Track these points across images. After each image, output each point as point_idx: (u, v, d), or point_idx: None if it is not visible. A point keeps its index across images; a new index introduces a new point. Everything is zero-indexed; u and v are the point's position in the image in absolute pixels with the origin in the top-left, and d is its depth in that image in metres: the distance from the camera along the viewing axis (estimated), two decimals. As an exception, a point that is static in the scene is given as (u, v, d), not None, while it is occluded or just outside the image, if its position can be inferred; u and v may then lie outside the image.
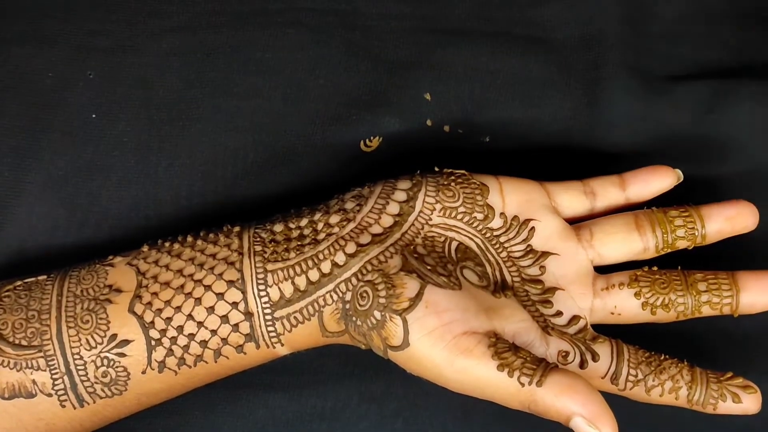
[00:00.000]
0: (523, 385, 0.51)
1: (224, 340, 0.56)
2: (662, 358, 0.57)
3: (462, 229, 0.59)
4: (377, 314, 0.54)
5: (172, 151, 0.63)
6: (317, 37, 0.64)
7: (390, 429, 0.62)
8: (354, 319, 0.55)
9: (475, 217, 0.59)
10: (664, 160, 0.62)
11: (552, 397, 0.50)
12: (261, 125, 0.63)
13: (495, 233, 0.59)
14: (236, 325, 0.56)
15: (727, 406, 0.56)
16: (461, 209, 0.59)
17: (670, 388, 0.56)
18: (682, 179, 0.62)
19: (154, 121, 0.63)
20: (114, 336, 0.55)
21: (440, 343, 0.52)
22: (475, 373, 0.52)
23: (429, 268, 0.56)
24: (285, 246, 0.57)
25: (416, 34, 0.66)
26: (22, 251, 0.62)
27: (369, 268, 0.56)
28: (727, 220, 0.60)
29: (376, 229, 0.57)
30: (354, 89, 0.64)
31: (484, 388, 0.52)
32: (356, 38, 0.65)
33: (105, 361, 0.55)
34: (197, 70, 0.63)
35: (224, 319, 0.56)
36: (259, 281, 0.56)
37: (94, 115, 0.63)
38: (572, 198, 0.61)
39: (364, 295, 0.55)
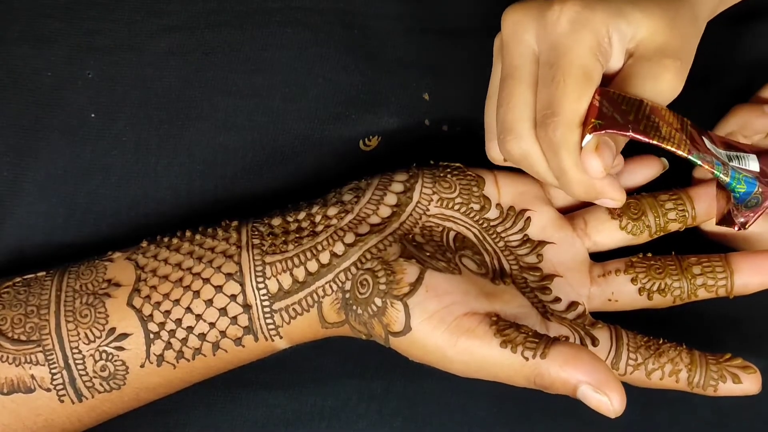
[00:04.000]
0: (527, 359, 0.51)
1: (222, 333, 0.56)
2: (660, 342, 0.57)
3: (459, 219, 0.59)
4: (378, 301, 0.54)
5: (171, 150, 0.63)
6: (316, 37, 0.64)
7: (389, 427, 0.62)
8: (354, 308, 0.55)
9: (472, 207, 0.60)
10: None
11: (557, 368, 0.50)
12: (260, 124, 0.63)
13: (492, 223, 0.60)
14: (235, 317, 0.56)
15: (728, 388, 0.56)
16: (458, 200, 0.60)
17: (670, 371, 0.56)
18: (667, 167, 0.62)
19: (153, 120, 0.63)
20: (113, 330, 0.55)
21: (442, 325, 0.53)
22: (479, 353, 0.52)
23: (428, 254, 0.56)
24: (283, 239, 0.57)
25: (414, 34, 0.66)
26: (21, 250, 0.62)
27: (368, 256, 0.56)
28: (714, 199, 0.60)
29: (375, 220, 0.58)
30: (352, 89, 0.64)
31: (489, 367, 0.52)
32: (355, 37, 0.65)
33: (104, 355, 0.55)
34: (196, 70, 0.63)
35: (222, 311, 0.56)
36: (258, 273, 0.56)
37: (93, 115, 0.63)
38: None
39: (364, 282, 0.55)
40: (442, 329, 0.53)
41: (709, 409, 0.61)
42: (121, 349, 0.55)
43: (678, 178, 0.63)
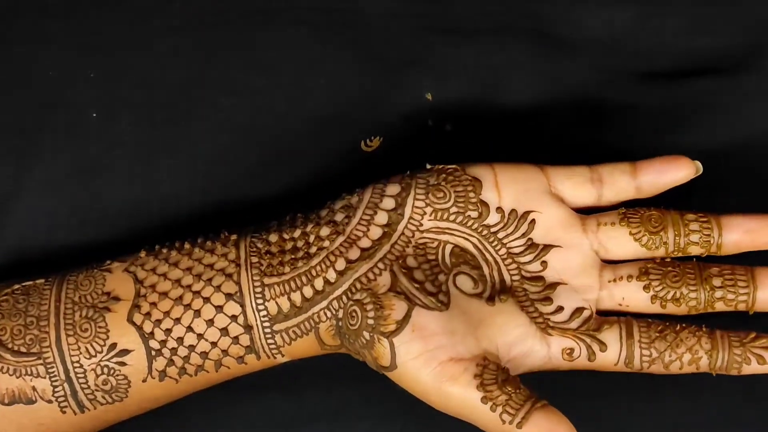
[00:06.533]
0: (504, 422, 0.51)
1: (225, 352, 0.56)
2: (678, 328, 0.56)
3: (456, 230, 0.58)
4: (366, 335, 0.54)
5: (173, 150, 0.63)
6: (318, 36, 0.64)
7: (390, 430, 0.63)
8: (347, 336, 0.55)
9: (469, 215, 0.58)
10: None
11: None
12: (262, 124, 0.63)
13: (492, 230, 0.58)
14: (236, 337, 0.56)
15: (753, 368, 0.55)
16: (453, 209, 0.57)
17: (689, 360, 0.55)
18: (701, 171, 0.58)
19: (155, 120, 0.63)
20: (114, 345, 0.55)
21: (426, 368, 0.53)
22: (460, 401, 0.52)
23: (417, 286, 0.55)
24: (279, 259, 0.56)
25: (418, 33, 0.65)
26: (23, 250, 0.62)
27: (358, 286, 0.55)
28: (746, 233, 0.57)
29: (365, 243, 0.57)
30: (355, 89, 0.64)
31: (468, 415, 0.52)
32: (358, 37, 0.64)
33: (105, 370, 0.55)
34: (198, 69, 0.63)
35: (224, 331, 0.56)
36: (257, 295, 0.56)
37: (95, 114, 0.63)
38: (576, 185, 0.59)
39: (353, 314, 0.54)
40: (426, 372, 0.53)
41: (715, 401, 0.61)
42: (122, 364, 0.55)
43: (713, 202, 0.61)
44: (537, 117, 0.66)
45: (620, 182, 0.59)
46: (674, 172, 0.58)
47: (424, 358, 0.53)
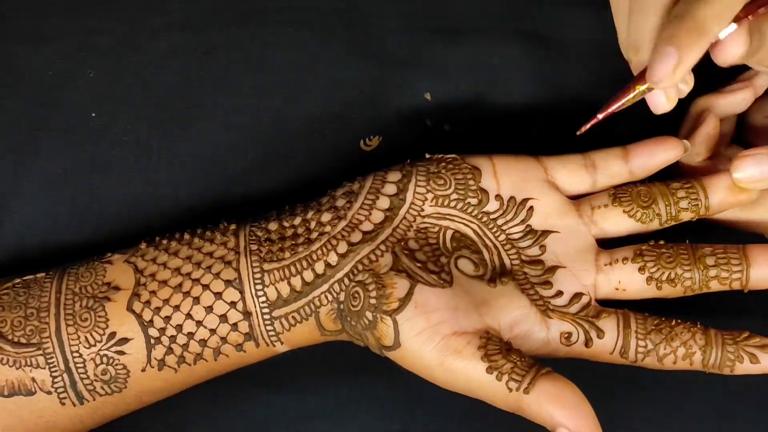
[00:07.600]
0: (510, 390, 0.51)
1: (223, 339, 0.56)
2: (673, 323, 0.56)
3: (456, 216, 0.59)
4: (369, 315, 0.54)
5: (171, 150, 0.63)
6: (317, 36, 0.64)
7: (390, 428, 0.62)
8: (349, 319, 0.55)
9: (469, 202, 0.59)
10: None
11: (538, 406, 0.50)
12: (261, 124, 0.63)
13: (491, 217, 0.59)
14: (235, 324, 0.56)
15: (745, 367, 0.55)
16: (454, 196, 0.59)
17: (683, 354, 0.55)
18: (689, 150, 0.60)
19: (154, 119, 0.63)
20: (113, 334, 0.55)
21: (430, 344, 0.53)
22: (465, 374, 0.52)
23: (419, 265, 0.56)
24: (280, 245, 0.57)
25: (416, 33, 0.65)
26: (22, 249, 0.62)
27: (360, 267, 0.56)
28: (728, 189, 0.59)
29: (367, 226, 0.57)
30: (354, 88, 0.64)
31: (474, 389, 0.52)
32: (357, 37, 0.65)
33: (104, 359, 0.55)
34: (197, 69, 0.63)
35: (223, 318, 0.56)
36: (256, 281, 0.56)
37: (93, 114, 0.63)
38: (571, 172, 0.60)
39: (356, 295, 0.55)
40: (430, 347, 0.53)
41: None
42: (121, 353, 0.56)
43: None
44: (534, 117, 0.66)
45: (613, 167, 0.60)
46: (664, 152, 0.60)
47: (428, 333, 0.53)
